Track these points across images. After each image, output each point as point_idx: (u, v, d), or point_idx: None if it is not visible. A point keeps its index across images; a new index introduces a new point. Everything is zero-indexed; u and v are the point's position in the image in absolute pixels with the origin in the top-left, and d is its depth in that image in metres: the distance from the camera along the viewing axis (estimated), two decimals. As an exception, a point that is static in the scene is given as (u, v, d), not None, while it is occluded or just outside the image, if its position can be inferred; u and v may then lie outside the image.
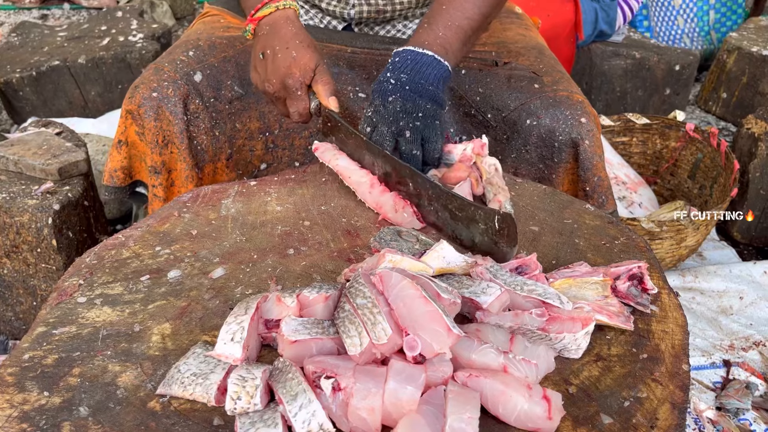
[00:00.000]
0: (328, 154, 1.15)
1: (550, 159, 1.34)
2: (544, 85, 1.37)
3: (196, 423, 0.71)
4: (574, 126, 1.30)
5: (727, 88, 2.93)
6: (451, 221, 1.01)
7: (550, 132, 1.31)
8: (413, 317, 0.72)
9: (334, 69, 1.41)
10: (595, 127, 1.33)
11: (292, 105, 1.16)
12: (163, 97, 1.29)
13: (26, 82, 2.63)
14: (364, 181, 1.09)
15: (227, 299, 0.89)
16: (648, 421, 0.73)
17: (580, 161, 1.31)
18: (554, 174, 1.35)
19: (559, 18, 2.58)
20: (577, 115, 1.31)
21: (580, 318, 0.79)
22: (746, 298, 1.85)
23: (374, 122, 1.12)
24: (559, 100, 1.34)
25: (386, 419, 0.69)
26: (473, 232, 0.98)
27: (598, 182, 1.32)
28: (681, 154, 2.28)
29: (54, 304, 0.88)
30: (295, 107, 1.16)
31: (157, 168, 1.33)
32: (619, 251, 1.01)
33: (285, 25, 1.17)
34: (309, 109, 1.17)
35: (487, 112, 1.37)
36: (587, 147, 1.30)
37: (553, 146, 1.32)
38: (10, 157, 1.69)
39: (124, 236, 1.02)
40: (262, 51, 1.17)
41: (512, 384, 0.71)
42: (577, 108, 1.32)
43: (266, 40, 1.17)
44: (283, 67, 1.14)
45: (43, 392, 0.73)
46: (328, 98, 1.15)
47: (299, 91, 1.15)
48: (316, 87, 1.16)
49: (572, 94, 1.35)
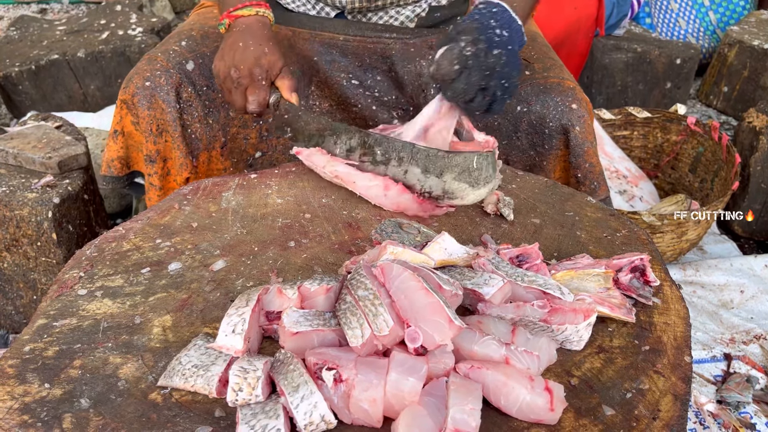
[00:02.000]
0: (319, 159, 1.11)
1: (541, 146, 1.34)
2: (535, 72, 1.37)
3: (198, 414, 0.71)
4: (565, 112, 1.30)
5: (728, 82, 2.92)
6: (421, 176, 1.02)
7: (541, 118, 1.32)
8: (415, 309, 0.72)
9: (326, 57, 1.41)
10: (587, 113, 1.33)
11: (252, 93, 1.18)
12: (156, 85, 1.30)
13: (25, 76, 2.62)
14: (375, 184, 1.06)
15: (228, 291, 0.89)
16: (650, 413, 0.72)
17: (570, 147, 1.31)
18: (545, 161, 1.35)
19: (584, 11, 2.58)
20: (567, 101, 1.31)
21: (582, 309, 0.79)
22: (747, 291, 1.85)
23: (469, 65, 1.04)
24: (549, 86, 1.33)
25: (388, 411, 0.69)
26: (446, 179, 1.00)
27: (589, 168, 1.32)
28: (682, 147, 2.27)
29: (54, 296, 0.87)
30: (255, 96, 1.18)
31: (153, 157, 1.34)
32: (620, 243, 1.00)
33: (261, 28, 1.22)
34: (267, 100, 1.19)
35: None
36: (578, 133, 1.30)
37: (544, 133, 1.32)
38: (10, 150, 1.69)
39: (124, 229, 1.01)
40: (229, 43, 1.20)
41: (514, 376, 0.71)
42: (568, 94, 1.32)
43: (240, 35, 1.20)
44: (253, 56, 1.17)
45: (44, 384, 0.73)
46: (290, 93, 1.19)
47: (264, 82, 1.17)
48: (280, 82, 1.19)
49: (563, 81, 1.35)
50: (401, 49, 1.40)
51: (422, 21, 1.45)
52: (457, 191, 1.01)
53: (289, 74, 1.20)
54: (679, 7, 3.22)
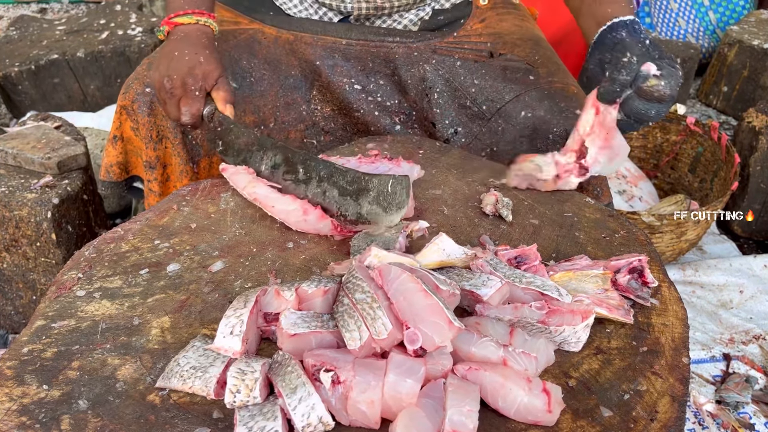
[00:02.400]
0: (241, 179, 1.07)
1: (545, 151, 1.33)
2: (540, 77, 1.36)
3: (196, 416, 0.71)
4: (569, 118, 1.30)
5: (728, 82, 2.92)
6: (339, 198, 1.02)
7: (545, 124, 1.31)
8: (414, 311, 0.72)
9: (328, 61, 1.40)
10: None
11: (185, 104, 1.14)
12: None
13: (25, 75, 2.62)
14: (294, 208, 1.01)
15: (227, 293, 0.89)
16: (648, 414, 0.73)
17: None
18: None
19: None
20: (572, 107, 1.31)
21: (580, 311, 0.79)
22: (746, 291, 1.85)
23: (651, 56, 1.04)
24: (554, 92, 1.33)
25: (386, 412, 0.69)
26: (361, 203, 0.99)
27: None
28: (681, 147, 2.27)
29: (53, 297, 0.87)
30: (188, 107, 1.14)
31: (152, 163, 1.33)
32: (619, 244, 1.00)
33: (199, 37, 1.19)
34: (201, 112, 1.15)
35: (482, 103, 1.37)
36: None
37: (548, 138, 1.32)
38: (9, 150, 1.69)
39: (123, 230, 1.01)
40: (166, 51, 1.17)
41: (512, 377, 0.71)
42: (573, 100, 1.32)
43: (177, 43, 1.17)
44: (187, 66, 1.13)
45: (43, 385, 0.73)
46: (225, 105, 1.15)
47: (197, 92, 1.14)
48: (216, 94, 1.16)
49: (567, 86, 1.35)
50: (404, 53, 1.40)
51: (425, 24, 1.44)
52: (371, 215, 0.99)
53: (226, 85, 1.17)
54: (678, 6, 3.22)
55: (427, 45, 1.41)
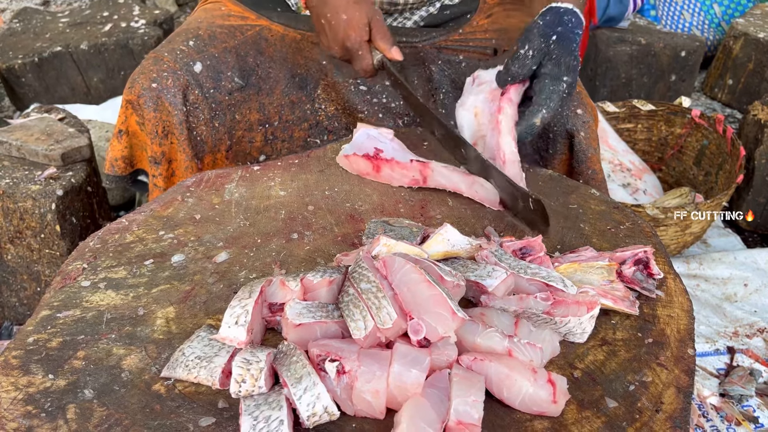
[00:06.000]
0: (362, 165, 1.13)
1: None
2: None
3: (201, 406, 0.71)
4: (570, 117, 1.29)
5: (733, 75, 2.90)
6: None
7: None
8: (418, 301, 0.72)
9: (335, 60, 1.39)
10: (592, 119, 1.32)
11: (356, 64, 1.21)
12: (163, 87, 1.28)
13: (28, 68, 2.62)
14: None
15: (231, 283, 0.89)
16: (653, 405, 0.72)
17: (574, 153, 1.30)
18: (549, 165, 1.34)
19: None
20: (573, 105, 1.30)
21: (585, 302, 0.79)
22: (751, 285, 1.84)
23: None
24: None
25: (391, 402, 0.69)
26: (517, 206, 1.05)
27: (591, 175, 1.32)
28: (686, 140, 2.26)
29: (58, 287, 0.88)
30: (359, 66, 1.21)
31: (157, 158, 1.33)
32: (624, 236, 1.00)
33: None
34: (372, 65, 1.22)
35: None
36: (582, 139, 1.29)
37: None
38: (13, 142, 1.69)
39: (127, 220, 1.01)
40: (317, 21, 1.21)
41: (517, 368, 0.71)
42: (574, 99, 1.31)
43: (319, 9, 1.20)
44: (339, 32, 1.18)
45: (48, 375, 0.73)
46: (390, 50, 1.20)
47: (360, 51, 1.19)
48: (376, 43, 1.20)
49: None
50: (410, 53, 1.39)
51: (432, 18, 1.43)
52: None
53: (381, 25, 1.20)
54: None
55: (432, 44, 1.40)
